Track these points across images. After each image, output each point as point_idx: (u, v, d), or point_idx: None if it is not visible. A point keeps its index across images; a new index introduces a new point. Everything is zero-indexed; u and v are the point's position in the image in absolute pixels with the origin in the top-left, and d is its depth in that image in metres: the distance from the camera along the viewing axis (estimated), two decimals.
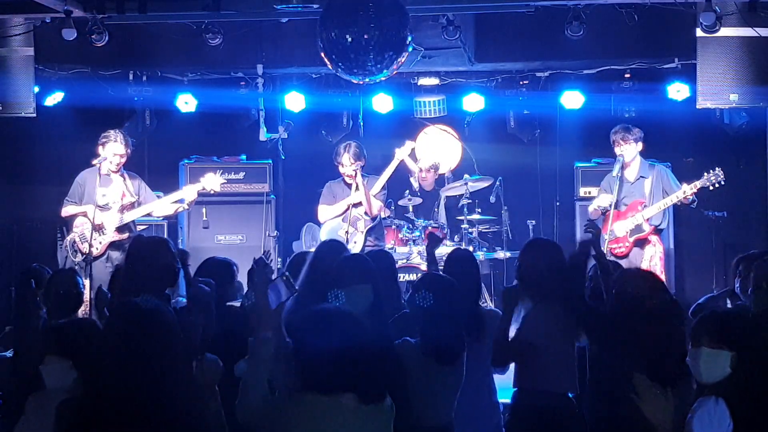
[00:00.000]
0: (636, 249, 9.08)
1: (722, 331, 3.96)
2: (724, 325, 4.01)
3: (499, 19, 9.63)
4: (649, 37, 9.46)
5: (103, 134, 9.07)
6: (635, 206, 9.10)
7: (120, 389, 3.46)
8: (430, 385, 4.75)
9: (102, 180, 9.01)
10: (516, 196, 10.98)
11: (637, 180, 9.18)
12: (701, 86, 8.61)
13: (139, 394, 3.44)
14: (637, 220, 9.03)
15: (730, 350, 3.89)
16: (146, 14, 8.49)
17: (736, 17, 8.43)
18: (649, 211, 9.03)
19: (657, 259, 9.00)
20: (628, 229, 9.03)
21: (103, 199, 8.96)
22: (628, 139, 9.11)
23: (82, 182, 9.02)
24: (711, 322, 4.04)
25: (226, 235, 10.85)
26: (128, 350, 3.49)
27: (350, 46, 7.14)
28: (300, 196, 11.11)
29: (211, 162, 10.91)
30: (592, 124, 10.83)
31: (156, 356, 3.50)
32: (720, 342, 3.92)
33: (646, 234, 9.03)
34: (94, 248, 8.77)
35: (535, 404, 5.16)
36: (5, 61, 9.20)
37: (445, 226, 10.15)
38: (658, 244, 9.10)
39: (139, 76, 10.65)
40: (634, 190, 9.17)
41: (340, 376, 3.61)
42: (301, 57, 10.00)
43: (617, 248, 9.10)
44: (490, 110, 10.96)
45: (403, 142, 10.19)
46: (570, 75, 10.47)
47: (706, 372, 3.94)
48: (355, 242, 9.48)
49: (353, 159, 9.48)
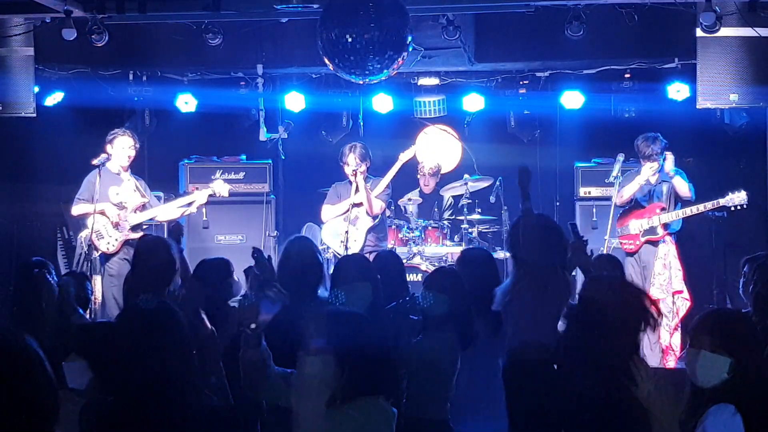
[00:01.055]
0: (647, 246, 9.16)
1: (724, 334, 3.79)
2: (726, 327, 3.84)
3: (499, 19, 9.63)
4: (649, 37, 9.45)
5: (110, 132, 9.15)
6: (654, 209, 9.15)
7: (133, 390, 3.49)
8: (427, 379, 4.77)
9: (114, 179, 9.12)
10: (516, 196, 10.80)
11: (659, 183, 9.24)
12: (701, 86, 8.61)
13: (151, 394, 3.47)
14: (654, 222, 9.08)
15: (730, 356, 3.73)
16: (146, 14, 8.49)
17: (736, 17, 8.43)
18: (667, 217, 9.08)
19: (672, 257, 9.04)
20: (643, 229, 9.07)
21: (116, 198, 9.09)
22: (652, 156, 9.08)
23: (93, 180, 9.04)
24: (713, 324, 3.87)
25: (226, 235, 10.85)
26: (139, 352, 3.52)
27: (350, 46, 7.14)
28: (300, 196, 11.12)
29: (211, 162, 10.91)
30: (592, 125, 10.85)
31: (167, 358, 3.53)
32: (721, 346, 3.77)
33: (658, 237, 9.10)
34: (111, 245, 8.90)
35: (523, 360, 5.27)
36: (5, 61, 9.19)
37: (445, 226, 10.14)
38: (671, 243, 9.16)
39: (139, 76, 10.65)
40: (655, 192, 9.23)
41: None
42: (301, 57, 10.00)
43: (627, 244, 9.18)
44: (490, 110, 10.96)
45: (403, 142, 10.19)
46: (570, 75, 10.46)
47: (702, 375, 3.81)
48: (355, 241, 9.49)
49: (359, 159, 9.50)
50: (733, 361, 3.74)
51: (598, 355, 3.93)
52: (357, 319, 3.96)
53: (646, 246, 9.16)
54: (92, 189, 8.96)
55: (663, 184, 9.24)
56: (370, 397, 3.77)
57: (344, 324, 3.87)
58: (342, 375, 3.72)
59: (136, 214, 9.10)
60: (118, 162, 9.11)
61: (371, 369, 3.78)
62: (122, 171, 9.17)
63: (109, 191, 9.07)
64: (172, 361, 3.52)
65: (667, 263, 8.98)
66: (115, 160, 9.11)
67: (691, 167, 10.24)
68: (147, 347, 3.52)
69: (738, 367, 3.73)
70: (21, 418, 2.41)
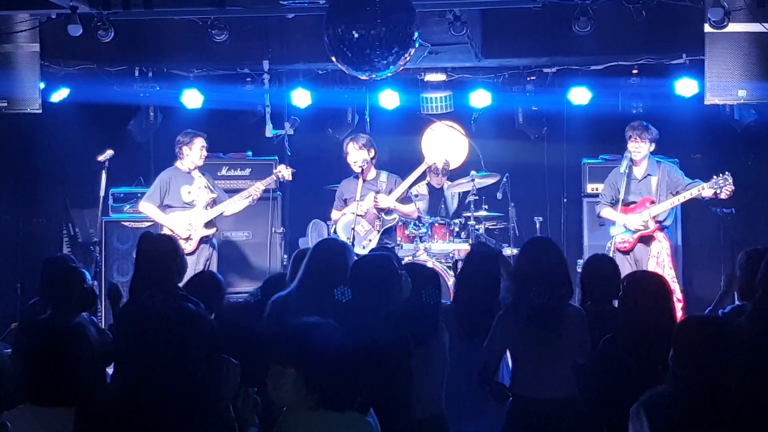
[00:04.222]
0: (641, 245, 9.09)
1: (701, 341, 3.82)
2: (704, 335, 3.84)
3: (506, 15, 9.59)
4: (657, 33, 9.41)
5: (184, 133, 9.48)
6: (644, 203, 9.09)
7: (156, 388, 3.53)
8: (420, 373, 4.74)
9: (186, 178, 9.41)
10: (523, 193, 10.94)
11: (644, 177, 9.18)
12: (709, 82, 8.56)
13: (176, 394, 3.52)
14: (644, 216, 9.01)
15: (708, 362, 3.76)
16: (152, 10, 8.47)
17: (745, 13, 8.38)
18: (657, 209, 9.03)
19: (665, 255, 8.99)
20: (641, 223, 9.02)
21: (188, 197, 9.37)
22: (645, 138, 9.09)
23: (167, 180, 9.38)
24: (692, 331, 3.91)
25: (232, 231, 10.82)
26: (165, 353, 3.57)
27: (357, 41, 7.11)
28: (306, 192, 11.09)
29: (217, 158, 10.89)
30: (599, 121, 10.81)
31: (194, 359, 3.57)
32: (700, 353, 3.80)
33: (651, 231, 9.03)
34: (189, 246, 9.16)
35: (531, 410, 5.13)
36: (11, 57, 9.19)
37: (452, 223, 10.11)
38: (664, 240, 9.09)
39: (145, 73, 10.64)
40: (641, 188, 9.18)
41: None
42: (307, 53, 9.99)
43: (621, 243, 9.11)
44: (497, 106, 10.93)
45: (409, 138, 10.18)
46: (577, 71, 10.44)
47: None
48: (370, 240, 9.45)
49: (359, 147, 9.46)
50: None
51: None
52: (323, 330, 3.77)
53: (639, 245, 9.10)
54: (163, 190, 9.35)
55: (650, 178, 9.18)
56: (342, 412, 3.64)
57: (308, 337, 3.72)
58: (306, 389, 3.63)
59: (207, 211, 9.40)
60: (192, 161, 9.40)
61: (338, 382, 3.64)
62: (192, 170, 9.44)
63: (181, 190, 9.36)
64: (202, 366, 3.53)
65: (660, 261, 8.93)
66: (190, 159, 9.39)
67: (698, 163, 10.21)
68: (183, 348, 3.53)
69: (717, 373, 3.73)
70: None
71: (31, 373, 4.15)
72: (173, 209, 9.37)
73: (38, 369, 4.14)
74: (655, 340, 4.55)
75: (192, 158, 9.41)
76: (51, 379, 4.08)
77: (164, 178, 9.42)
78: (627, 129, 9.21)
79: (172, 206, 9.38)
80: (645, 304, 4.82)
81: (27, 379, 4.17)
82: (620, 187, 9.11)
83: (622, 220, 9.11)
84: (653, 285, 5.01)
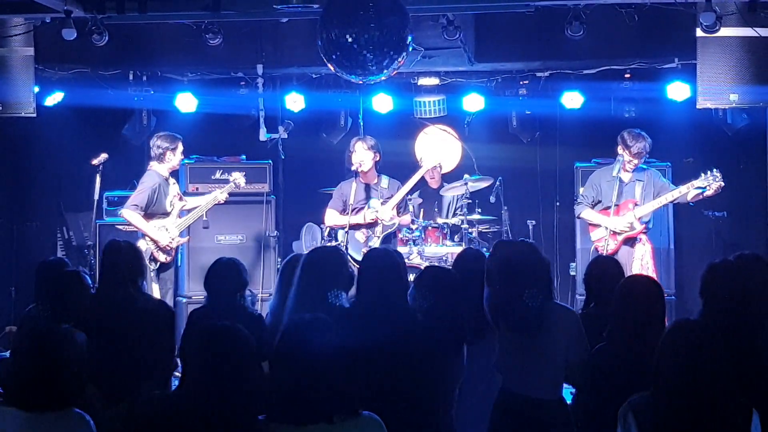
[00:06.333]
0: (625, 247, 9.13)
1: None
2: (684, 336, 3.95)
3: (499, 19, 9.64)
4: (649, 37, 9.45)
5: (173, 138, 9.39)
6: (626, 205, 9.14)
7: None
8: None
9: (166, 185, 9.36)
10: (516, 196, 10.97)
11: (630, 182, 9.23)
12: (701, 86, 8.61)
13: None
14: (629, 218, 9.06)
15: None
16: (146, 14, 8.47)
17: (736, 17, 8.43)
18: (641, 211, 9.07)
19: (648, 258, 9.04)
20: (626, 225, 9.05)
21: (170, 206, 9.34)
22: (642, 155, 9.08)
23: (155, 188, 9.23)
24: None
25: (226, 235, 10.83)
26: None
27: (350, 46, 7.14)
28: (300, 196, 11.11)
29: (211, 162, 10.91)
30: (592, 125, 10.84)
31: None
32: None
33: (636, 233, 9.07)
34: (168, 256, 9.22)
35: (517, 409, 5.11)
36: (5, 61, 9.20)
37: (446, 226, 10.13)
38: (647, 242, 9.15)
39: (139, 76, 10.66)
40: (627, 191, 9.21)
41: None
42: (301, 57, 10.01)
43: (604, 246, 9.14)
44: (490, 110, 10.96)
45: (403, 142, 10.19)
46: (570, 75, 10.46)
47: None
48: (370, 246, 9.49)
49: (367, 147, 9.56)
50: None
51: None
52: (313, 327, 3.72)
53: (624, 247, 9.12)
54: (152, 198, 9.19)
55: (636, 183, 9.21)
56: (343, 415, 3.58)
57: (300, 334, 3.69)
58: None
59: (180, 219, 9.38)
60: (173, 166, 9.38)
61: (330, 384, 3.57)
62: (169, 175, 9.39)
63: (165, 199, 9.30)
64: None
65: (644, 264, 8.96)
66: (172, 164, 9.35)
67: (691, 168, 10.25)
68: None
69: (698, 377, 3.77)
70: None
71: (25, 377, 4.11)
72: (153, 218, 9.25)
73: (33, 373, 4.09)
74: (648, 344, 4.57)
75: (173, 163, 9.36)
76: (44, 383, 4.04)
77: (152, 185, 9.23)
78: (625, 135, 9.19)
79: (153, 215, 9.26)
80: (641, 309, 4.83)
81: (18, 383, 4.12)
82: (613, 191, 9.13)
83: (606, 222, 9.15)
84: (651, 288, 5.02)
